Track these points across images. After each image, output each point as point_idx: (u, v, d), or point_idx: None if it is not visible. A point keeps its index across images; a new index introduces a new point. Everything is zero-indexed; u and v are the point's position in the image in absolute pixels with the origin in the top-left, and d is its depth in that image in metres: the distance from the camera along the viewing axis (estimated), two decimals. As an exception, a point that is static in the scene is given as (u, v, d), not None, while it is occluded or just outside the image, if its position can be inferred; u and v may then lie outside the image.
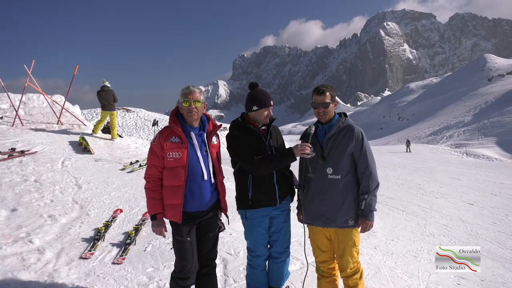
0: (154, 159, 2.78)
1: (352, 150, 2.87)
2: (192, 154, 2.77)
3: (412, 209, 8.49)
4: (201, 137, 2.87)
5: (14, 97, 13.10)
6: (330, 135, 2.92)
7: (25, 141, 9.98)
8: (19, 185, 6.66)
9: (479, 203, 9.61)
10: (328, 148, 2.90)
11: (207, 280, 3.05)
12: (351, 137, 2.87)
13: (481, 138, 54.92)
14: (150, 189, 2.81)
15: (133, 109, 36.70)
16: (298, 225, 5.97)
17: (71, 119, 13.32)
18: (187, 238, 2.81)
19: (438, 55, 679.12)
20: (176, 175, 2.73)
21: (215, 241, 3.04)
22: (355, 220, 2.90)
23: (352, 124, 2.93)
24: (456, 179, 14.80)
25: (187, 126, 2.82)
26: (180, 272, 2.82)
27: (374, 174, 2.88)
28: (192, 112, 2.75)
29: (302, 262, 4.31)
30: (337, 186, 2.89)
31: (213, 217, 2.98)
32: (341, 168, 2.88)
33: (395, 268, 4.54)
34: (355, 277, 2.99)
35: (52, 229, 4.95)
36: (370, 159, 2.88)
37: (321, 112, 2.94)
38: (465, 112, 78.22)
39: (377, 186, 2.89)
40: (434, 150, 33.06)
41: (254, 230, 3.17)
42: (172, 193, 2.76)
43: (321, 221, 2.97)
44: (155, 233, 2.86)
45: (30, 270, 3.79)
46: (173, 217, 2.78)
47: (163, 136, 2.77)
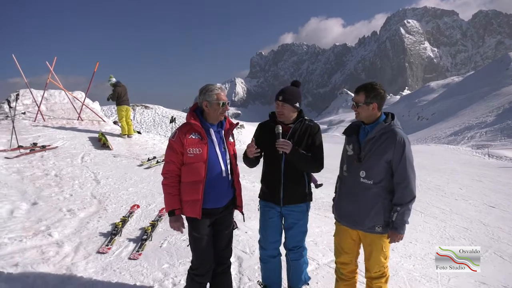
0: (172, 155, 2.79)
1: (390, 157, 2.67)
2: (211, 150, 2.79)
3: (431, 210, 8.30)
4: (220, 134, 2.89)
5: (36, 93, 13.42)
6: (370, 138, 2.73)
7: (47, 136, 10.23)
8: (40, 179, 6.82)
9: (501, 206, 9.32)
10: (366, 150, 2.74)
11: (222, 279, 3.06)
12: (392, 144, 2.65)
13: (504, 139, 53.23)
14: (168, 185, 2.82)
15: (151, 106, 37.07)
16: (315, 224, 5.94)
17: (91, 115, 13.57)
18: (205, 236, 2.82)
19: (460, 54, 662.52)
20: (196, 171, 2.74)
21: (229, 239, 3.04)
22: (384, 227, 2.75)
23: (397, 129, 2.68)
24: (477, 181, 14.39)
25: (207, 123, 2.83)
26: (198, 269, 2.85)
27: (411, 186, 2.67)
28: (225, 112, 2.81)
29: (318, 262, 4.26)
30: (368, 191, 2.74)
31: (228, 214, 2.99)
32: (374, 174, 2.72)
33: (413, 271, 4.44)
34: (380, 281, 2.90)
35: (71, 223, 5.05)
36: (409, 170, 2.66)
37: (354, 111, 2.81)
38: (488, 112, 76.02)
39: (412, 199, 2.69)
40: (454, 151, 32.23)
41: (262, 221, 3.24)
42: (192, 189, 2.76)
43: (348, 221, 2.89)
44: (172, 228, 2.88)
45: (49, 263, 3.87)
46: (192, 213, 2.78)
47: (183, 132, 2.77)
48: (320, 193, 9.39)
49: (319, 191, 9.76)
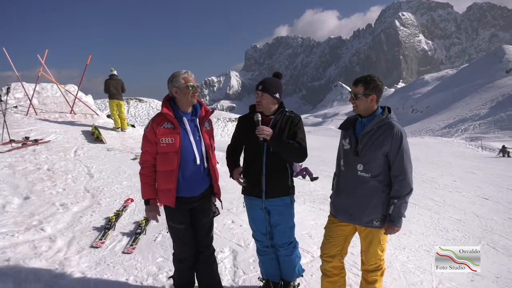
0: (147, 145, 2.83)
1: (387, 150, 2.66)
2: (184, 139, 2.81)
3: (425, 203, 8.35)
4: (194, 123, 2.90)
5: (28, 86, 13.24)
6: (367, 131, 2.71)
7: (39, 130, 10.12)
8: (32, 174, 6.74)
9: (494, 198, 9.41)
10: (363, 143, 2.71)
11: (206, 266, 3.09)
12: (389, 136, 2.64)
13: (497, 131, 53.85)
14: (144, 175, 2.88)
15: (145, 99, 36.86)
16: (309, 217, 5.94)
17: (84, 108, 13.45)
18: (180, 226, 2.90)
19: (454, 46, 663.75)
20: (169, 160, 2.78)
21: (209, 227, 3.07)
22: (381, 221, 2.74)
23: (393, 122, 2.69)
24: (470, 173, 14.53)
25: (180, 112, 2.85)
26: (178, 254, 3.01)
27: (408, 178, 2.67)
28: (195, 94, 2.82)
29: (313, 255, 4.26)
30: (366, 184, 2.72)
31: (206, 202, 3.01)
32: (372, 167, 2.70)
33: (407, 263, 4.46)
34: (376, 274, 2.89)
35: (64, 217, 5.00)
36: (407, 163, 2.67)
37: (352, 103, 2.79)
38: (481, 104, 76.57)
39: (409, 192, 2.69)
40: (448, 143, 32.55)
41: (249, 215, 3.23)
42: (165, 178, 2.81)
43: (345, 216, 2.86)
44: (148, 217, 2.99)
45: (41, 258, 3.82)
46: (166, 202, 2.85)
47: (156, 122, 2.80)
48: (315, 185, 9.41)
49: (314, 184, 9.80)
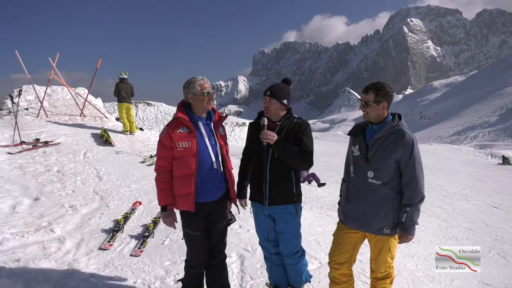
0: (163, 151, 2.82)
1: (398, 157, 2.64)
2: (201, 143, 2.81)
3: (433, 210, 8.27)
4: (209, 127, 2.91)
5: (39, 89, 13.43)
6: (377, 138, 2.69)
7: (49, 132, 10.24)
8: (42, 175, 6.82)
9: (504, 207, 9.28)
10: (373, 150, 2.70)
11: (217, 272, 3.09)
12: (400, 143, 2.62)
13: (507, 139, 53.13)
14: (161, 181, 2.86)
15: (154, 103, 37.02)
16: (317, 223, 5.91)
17: (93, 111, 13.58)
18: (196, 233, 2.88)
19: (463, 53, 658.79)
20: (187, 164, 2.76)
21: (223, 233, 3.06)
22: (392, 229, 2.71)
23: (404, 129, 2.67)
24: (480, 181, 14.35)
25: (195, 116, 2.86)
26: (191, 261, 3.00)
27: (420, 186, 2.64)
28: (211, 101, 2.83)
29: (320, 261, 4.24)
30: (377, 191, 2.70)
31: (222, 209, 3.01)
32: (383, 174, 2.68)
33: (416, 271, 4.42)
34: (385, 282, 2.87)
35: (73, 219, 5.04)
36: (418, 170, 2.64)
37: (363, 111, 2.77)
38: (491, 112, 75.66)
39: (421, 199, 2.66)
40: (457, 151, 32.15)
41: (255, 221, 3.23)
42: (184, 182, 2.79)
43: (355, 223, 2.83)
44: (165, 224, 2.94)
45: (50, 259, 3.86)
46: (185, 206, 2.82)
47: (171, 128, 2.80)
48: (322, 191, 9.37)
49: (321, 190, 9.75)
